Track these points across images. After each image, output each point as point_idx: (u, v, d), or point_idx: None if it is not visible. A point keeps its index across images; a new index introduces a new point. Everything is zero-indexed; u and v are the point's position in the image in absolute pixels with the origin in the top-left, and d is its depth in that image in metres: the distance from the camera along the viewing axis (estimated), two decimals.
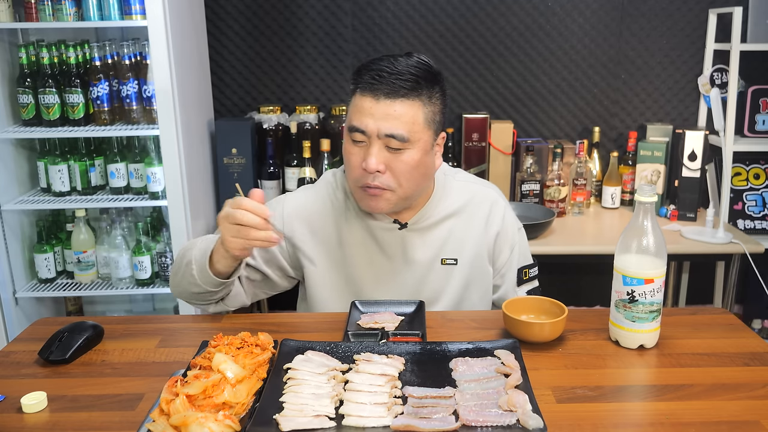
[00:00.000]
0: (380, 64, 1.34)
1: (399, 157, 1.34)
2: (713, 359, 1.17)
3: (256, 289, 1.52)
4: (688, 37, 2.88)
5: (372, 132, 1.33)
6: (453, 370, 1.08)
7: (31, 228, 2.65)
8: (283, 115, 2.88)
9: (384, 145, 1.34)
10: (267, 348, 1.12)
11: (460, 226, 1.51)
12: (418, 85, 1.33)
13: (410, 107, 1.33)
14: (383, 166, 1.34)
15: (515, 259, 1.56)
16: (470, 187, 1.55)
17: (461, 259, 1.50)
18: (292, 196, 1.55)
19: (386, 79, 1.32)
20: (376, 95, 1.33)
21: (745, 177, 2.89)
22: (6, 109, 2.49)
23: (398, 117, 1.32)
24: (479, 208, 1.52)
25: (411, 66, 1.34)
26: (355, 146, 1.37)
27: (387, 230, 1.47)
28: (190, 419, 0.90)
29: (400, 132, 1.32)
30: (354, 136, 1.36)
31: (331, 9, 2.84)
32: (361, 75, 1.36)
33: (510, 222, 1.56)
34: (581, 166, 2.75)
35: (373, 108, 1.33)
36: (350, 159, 1.38)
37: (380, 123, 1.32)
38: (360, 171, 1.36)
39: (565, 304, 1.25)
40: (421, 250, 1.48)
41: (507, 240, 1.54)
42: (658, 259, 1.17)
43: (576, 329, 1.28)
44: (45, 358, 1.18)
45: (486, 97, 2.94)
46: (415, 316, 1.32)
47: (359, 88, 1.36)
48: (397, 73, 1.32)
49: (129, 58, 2.45)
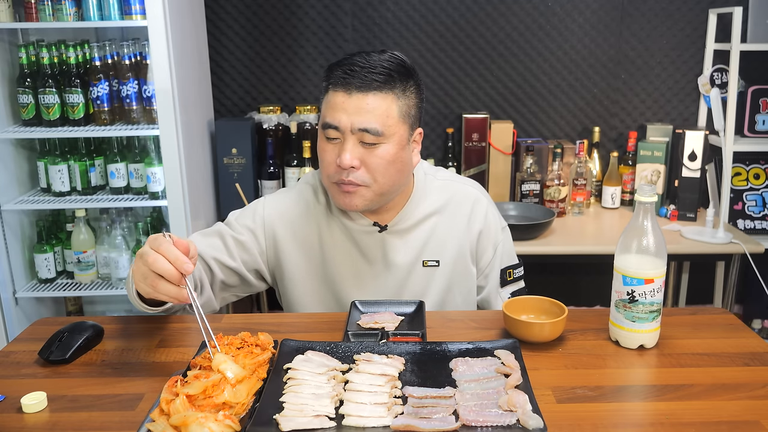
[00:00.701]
0: (352, 59, 1.33)
1: (374, 152, 1.32)
2: (713, 359, 1.17)
3: (229, 293, 1.50)
4: (688, 37, 2.88)
5: (345, 127, 1.31)
6: (453, 370, 1.08)
7: (31, 228, 2.65)
8: (283, 115, 2.88)
9: (358, 140, 1.32)
10: (267, 348, 1.12)
11: (441, 226, 1.48)
12: (391, 78, 1.32)
13: (383, 100, 1.31)
14: (358, 161, 1.32)
15: (498, 259, 1.52)
16: (451, 185, 1.52)
17: (443, 260, 1.47)
18: (273, 198, 1.52)
19: (358, 73, 1.30)
20: (348, 90, 1.31)
21: (745, 177, 2.89)
22: (6, 109, 2.49)
23: (371, 110, 1.30)
24: (461, 207, 1.49)
25: (383, 60, 1.32)
26: (329, 143, 1.35)
27: (366, 233, 1.45)
28: (190, 419, 0.90)
29: (373, 126, 1.30)
30: (327, 133, 1.34)
31: (331, 9, 2.84)
32: (332, 71, 1.34)
33: (493, 221, 1.52)
34: (581, 166, 2.75)
35: (345, 103, 1.31)
36: (324, 156, 1.36)
37: (353, 117, 1.30)
38: (334, 167, 1.34)
39: (565, 304, 1.25)
40: (402, 253, 1.46)
41: (490, 239, 1.51)
42: (658, 259, 1.17)
43: (576, 329, 1.28)
44: (45, 358, 1.18)
45: (486, 97, 2.94)
46: (415, 316, 1.32)
47: (331, 84, 1.34)
48: (369, 66, 1.30)
49: (129, 58, 2.45)
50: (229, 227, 1.48)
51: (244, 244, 1.46)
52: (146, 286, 1.11)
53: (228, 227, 1.48)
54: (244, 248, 1.46)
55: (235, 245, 1.45)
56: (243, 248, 1.46)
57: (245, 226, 1.47)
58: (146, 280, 1.10)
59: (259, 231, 1.47)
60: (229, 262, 1.44)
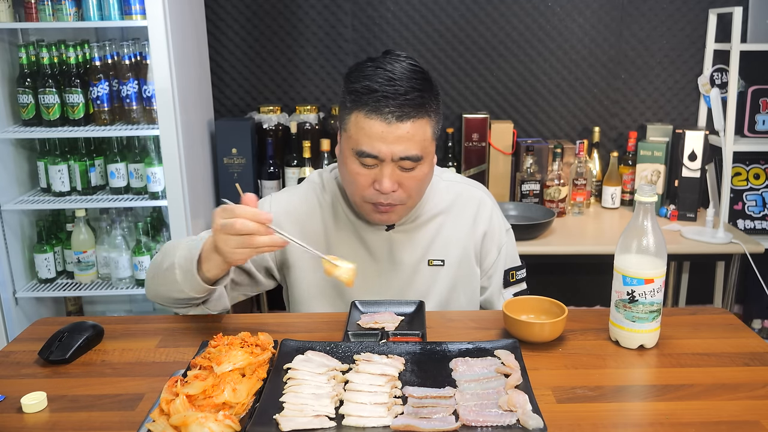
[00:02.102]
0: (378, 80, 1.28)
1: (411, 174, 1.33)
2: (713, 359, 1.17)
3: (239, 292, 1.50)
4: (688, 37, 2.88)
5: (386, 156, 1.30)
6: (453, 370, 1.08)
7: (31, 228, 2.65)
8: (283, 115, 2.88)
9: (397, 165, 1.32)
10: (267, 348, 1.12)
11: (447, 226, 1.49)
12: (424, 100, 1.30)
13: (421, 126, 1.31)
14: (397, 185, 1.33)
15: (502, 261, 1.54)
16: (457, 187, 1.54)
17: (448, 259, 1.49)
18: (280, 196, 1.53)
19: (392, 101, 1.27)
20: (386, 119, 1.28)
21: (745, 177, 2.89)
22: (6, 109, 2.49)
23: (411, 138, 1.29)
24: (466, 207, 1.51)
25: (413, 79, 1.29)
26: (363, 168, 1.33)
27: (374, 232, 1.46)
28: (190, 419, 0.90)
29: (414, 153, 1.30)
30: (364, 161, 1.32)
31: (331, 9, 2.84)
32: (360, 95, 1.29)
33: (497, 222, 1.54)
34: (581, 166, 2.75)
35: (384, 133, 1.29)
36: (358, 180, 1.34)
37: (393, 147, 1.29)
38: (371, 191, 1.34)
39: (565, 304, 1.25)
40: (408, 252, 1.47)
41: (494, 240, 1.53)
42: (658, 259, 1.17)
43: (576, 329, 1.28)
44: (45, 358, 1.18)
45: (486, 97, 2.94)
46: (415, 316, 1.32)
47: (364, 110, 1.29)
48: (404, 93, 1.28)
49: (129, 58, 2.45)
50: None
51: None
52: (245, 249, 1.16)
53: None
54: None
55: None
56: None
57: None
58: (243, 243, 1.15)
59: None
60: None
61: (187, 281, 1.27)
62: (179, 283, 1.28)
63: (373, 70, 1.31)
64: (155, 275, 1.36)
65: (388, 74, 1.29)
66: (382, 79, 1.29)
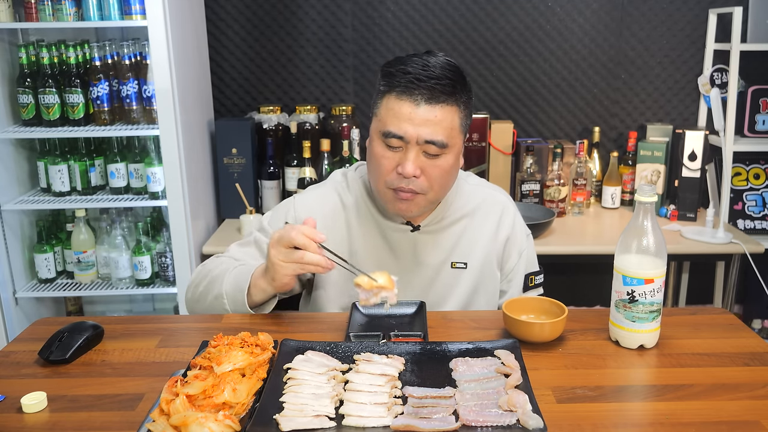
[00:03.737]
0: (412, 64, 1.31)
1: (435, 162, 1.33)
2: (713, 359, 1.17)
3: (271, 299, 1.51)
4: (688, 37, 2.88)
5: (411, 138, 1.31)
6: (453, 370, 1.08)
7: (31, 228, 2.65)
8: (283, 115, 2.88)
9: (421, 150, 1.32)
10: (267, 348, 1.12)
11: (471, 229, 1.50)
12: (455, 89, 1.32)
13: (449, 113, 1.32)
14: (419, 171, 1.33)
15: (522, 265, 1.56)
16: (481, 190, 1.55)
17: (471, 262, 1.50)
18: (303, 197, 1.54)
19: (425, 83, 1.29)
20: (416, 100, 1.30)
21: (745, 177, 2.89)
22: (6, 109, 2.49)
23: (438, 123, 1.31)
24: (490, 212, 1.52)
25: (446, 69, 1.32)
26: (388, 150, 1.34)
27: (399, 231, 1.47)
28: (190, 419, 0.90)
29: (440, 138, 1.31)
30: (390, 142, 1.33)
31: (331, 9, 2.84)
32: (394, 77, 1.33)
33: (519, 228, 1.56)
34: (581, 166, 2.75)
35: (412, 114, 1.30)
36: (382, 162, 1.35)
37: (420, 129, 1.30)
38: (393, 175, 1.35)
39: (565, 304, 1.25)
40: (432, 253, 1.48)
41: (516, 245, 1.54)
42: (658, 259, 1.17)
43: (576, 329, 1.28)
44: (45, 358, 1.18)
45: (486, 97, 2.94)
46: (416, 317, 1.32)
47: (394, 90, 1.32)
48: (436, 77, 1.30)
49: (129, 58, 2.45)
50: (264, 235, 1.50)
51: None
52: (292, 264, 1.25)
53: (262, 234, 1.50)
54: None
55: None
56: None
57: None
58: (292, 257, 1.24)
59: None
60: None
61: (235, 308, 1.37)
62: (228, 310, 1.38)
63: (410, 58, 1.34)
64: (199, 300, 1.42)
65: (423, 62, 1.32)
66: (417, 65, 1.31)
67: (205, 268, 1.47)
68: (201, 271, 1.47)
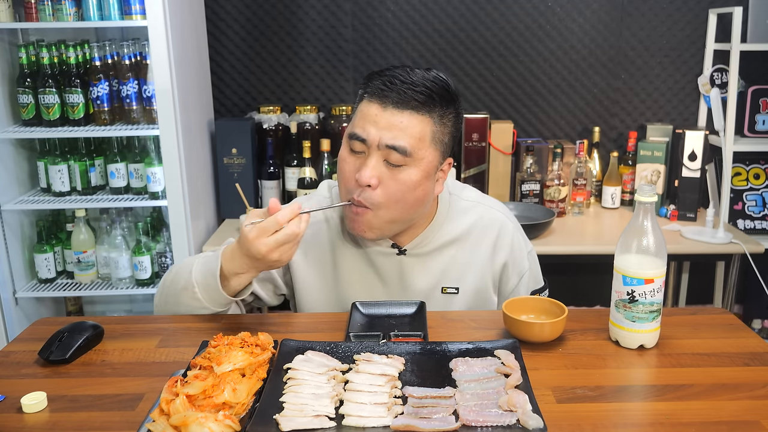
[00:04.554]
0: (394, 71, 1.26)
1: (396, 174, 1.25)
2: (713, 359, 1.17)
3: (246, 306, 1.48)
4: (688, 37, 2.88)
5: (373, 141, 1.24)
6: (453, 370, 1.08)
7: (31, 228, 2.65)
8: (283, 115, 2.88)
9: (383, 157, 1.24)
10: (267, 348, 1.12)
11: (464, 253, 1.41)
12: (432, 99, 1.25)
13: (419, 121, 1.24)
14: (376, 180, 1.24)
15: (524, 286, 1.47)
16: (477, 208, 1.44)
17: (463, 287, 1.42)
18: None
19: (398, 87, 1.23)
20: (384, 103, 1.24)
21: (745, 177, 2.89)
22: (6, 109, 2.49)
23: (403, 129, 1.23)
24: (485, 234, 1.42)
25: (427, 79, 1.25)
26: (351, 155, 1.28)
27: (384, 255, 1.39)
28: (190, 419, 0.90)
29: (402, 144, 1.23)
30: (353, 145, 1.27)
31: (331, 9, 2.84)
32: (371, 80, 1.27)
33: (519, 249, 1.46)
34: (581, 166, 2.75)
35: (378, 116, 1.24)
36: (344, 167, 1.28)
37: (383, 132, 1.23)
38: (351, 182, 1.27)
39: (565, 304, 1.25)
40: (421, 278, 1.40)
41: (515, 269, 1.45)
42: (658, 259, 1.17)
43: (576, 329, 1.27)
44: (45, 358, 1.17)
45: (486, 97, 2.94)
46: (416, 317, 1.32)
47: (367, 93, 1.27)
48: (411, 83, 1.23)
49: (129, 58, 2.45)
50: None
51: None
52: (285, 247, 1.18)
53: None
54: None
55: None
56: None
57: None
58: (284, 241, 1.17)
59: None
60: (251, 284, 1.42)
61: (211, 296, 1.27)
62: (200, 300, 1.28)
63: (401, 67, 1.29)
64: (168, 298, 1.35)
65: (408, 70, 1.27)
66: (399, 71, 1.26)
67: (170, 271, 1.39)
68: (166, 276, 1.40)
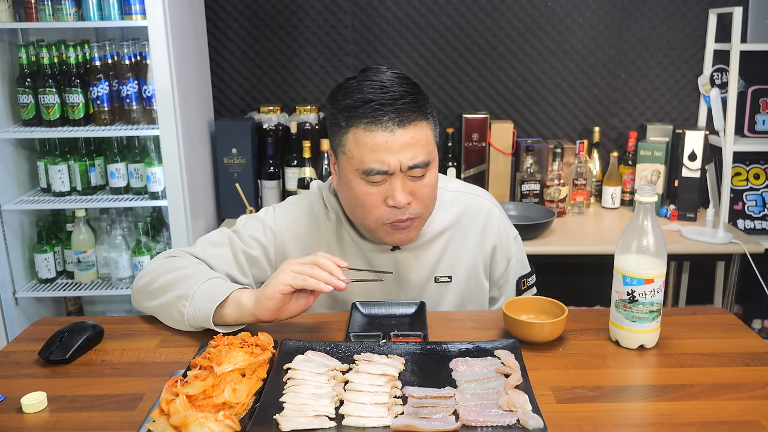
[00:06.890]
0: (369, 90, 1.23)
1: (422, 182, 1.28)
2: (713, 359, 1.17)
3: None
4: (688, 37, 2.88)
5: (395, 168, 1.24)
6: (453, 370, 1.08)
7: (31, 228, 2.65)
8: (283, 115, 2.88)
9: (407, 176, 1.26)
10: (267, 348, 1.12)
11: (454, 242, 1.45)
12: (419, 102, 1.26)
13: (422, 129, 1.26)
14: (410, 197, 1.27)
15: (513, 271, 1.51)
16: (463, 198, 1.48)
17: (455, 275, 1.45)
18: (282, 211, 1.47)
19: (391, 106, 1.22)
20: (387, 127, 1.23)
21: (745, 177, 2.89)
22: (6, 109, 2.49)
23: (415, 144, 1.24)
24: (473, 222, 1.46)
25: (403, 84, 1.25)
26: (372, 186, 1.26)
27: (379, 252, 1.41)
28: (190, 419, 0.90)
29: (422, 159, 1.25)
30: (372, 179, 1.25)
31: (331, 9, 2.84)
32: (354, 108, 1.24)
33: (506, 233, 1.50)
34: (581, 166, 2.75)
35: (389, 142, 1.23)
36: (368, 200, 1.27)
37: (401, 156, 1.23)
38: (385, 209, 1.27)
39: (565, 304, 1.25)
40: (415, 271, 1.43)
41: (503, 252, 1.49)
42: (658, 259, 1.17)
43: (576, 329, 1.28)
44: (45, 358, 1.18)
45: (486, 97, 2.94)
46: (416, 317, 1.32)
47: (363, 123, 1.23)
48: (399, 96, 1.23)
49: (129, 58, 2.45)
50: (239, 238, 1.43)
51: (256, 259, 1.43)
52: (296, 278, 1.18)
53: (238, 238, 1.43)
54: (256, 263, 1.43)
55: (246, 261, 1.42)
56: (254, 263, 1.43)
57: (255, 239, 1.43)
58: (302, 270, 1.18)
59: (270, 246, 1.43)
60: (242, 279, 1.42)
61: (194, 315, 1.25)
62: (184, 315, 1.26)
63: (360, 83, 1.25)
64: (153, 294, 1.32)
65: (377, 84, 1.24)
66: (373, 89, 1.23)
67: (171, 262, 1.36)
68: (164, 264, 1.36)
